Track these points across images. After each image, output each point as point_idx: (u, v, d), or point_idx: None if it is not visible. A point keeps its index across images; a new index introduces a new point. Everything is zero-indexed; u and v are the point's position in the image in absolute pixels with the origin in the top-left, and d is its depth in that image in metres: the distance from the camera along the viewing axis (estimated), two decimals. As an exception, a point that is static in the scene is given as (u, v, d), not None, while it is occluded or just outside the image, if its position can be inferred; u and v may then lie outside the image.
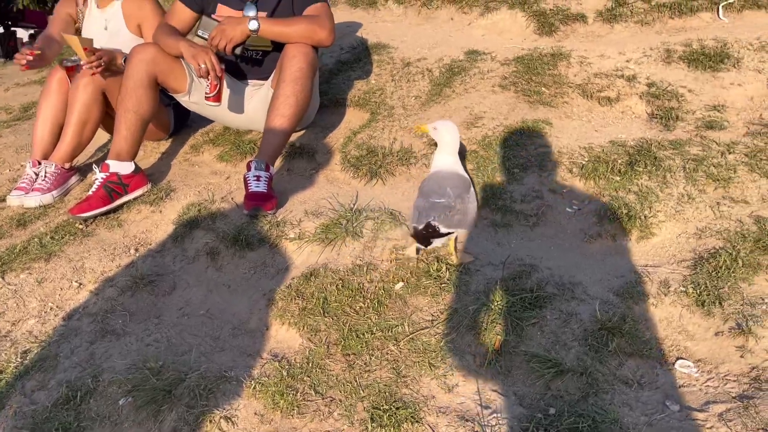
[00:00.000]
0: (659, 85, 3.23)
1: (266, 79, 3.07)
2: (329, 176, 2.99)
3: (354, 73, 3.86)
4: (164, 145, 3.41)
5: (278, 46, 2.89)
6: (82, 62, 2.83)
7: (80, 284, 2.28)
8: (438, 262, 2.07)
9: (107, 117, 3.06)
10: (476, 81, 3.51)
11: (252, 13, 2.88)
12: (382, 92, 3.54)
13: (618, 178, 2.49)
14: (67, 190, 3.01)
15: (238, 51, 2.78)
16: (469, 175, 2.15)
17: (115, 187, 2.70)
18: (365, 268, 2.13)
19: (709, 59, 3.36)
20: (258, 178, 2.59)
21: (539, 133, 2.95)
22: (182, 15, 2.98)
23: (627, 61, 3.53)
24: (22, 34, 23.04)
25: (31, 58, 2.74)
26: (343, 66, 3.99)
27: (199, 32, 2.82)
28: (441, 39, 4.45)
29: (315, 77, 2.91)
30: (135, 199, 2.77)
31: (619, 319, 1.76)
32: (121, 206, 2.73)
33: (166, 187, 2.85)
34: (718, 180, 2.38)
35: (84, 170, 3.21)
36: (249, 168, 2.62)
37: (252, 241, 2.36)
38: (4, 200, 2.98)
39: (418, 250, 2.10)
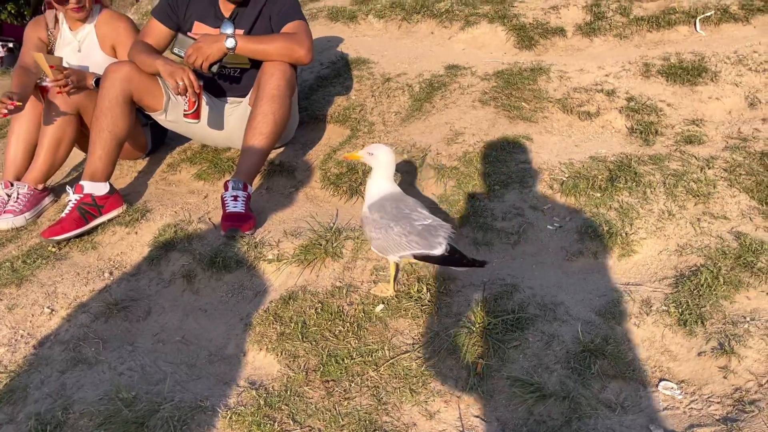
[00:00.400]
0: (638, 99, 3.24)
1: (244, 96, 3.04)
2: (309, 194, 2.95)
3: (334, 88, 3.84)
4: (140, 164, 3.35)
5: (256, 64, 2.86)
6: (48, 80, 2.78)
7: (52, 310, 2.22)
8: (419, 282, 2.04)
9: (82, 136, 3.00)
10: (456, 96, 3.50)
11: (229, 30, 2.84)
12: (362, 108, 3.51)
13: (599, 195, 2.49)
14: (40, 211, 2.94)
15: (215, 69, 2.74)
16: None
17: (89, 209, 2.64)
18: (345, 290, 2.09)
19: (687, 73, 3.38)
20: (235, 198, 2.55)
21: (520, 148, 2.94)
22: (158, 32, 2.93)
23: (606, 75, 3.54)
24: (-1, 49, 22.84)
25: (12, 108, 2.66)
26: (323, 81, 3.96)
27: (175, 50, 2.78)
28: (421, 53, 4.44)
29: (294, 94, 2.88)
30: (110, 220, 2.71)
31: (602, 340, 1.74)
32: (95, 228, 2.67)
33: (142, 207, 2.80)
34: (698, 195, 2.38)
35: (58, 191, 3.15)
36: (226, 188, 2.58)
37: (229, 263, 2.31)
38: (-26, 222, 2.91)
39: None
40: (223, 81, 3.03)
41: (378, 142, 3.15)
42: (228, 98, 3.08)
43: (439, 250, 1.81)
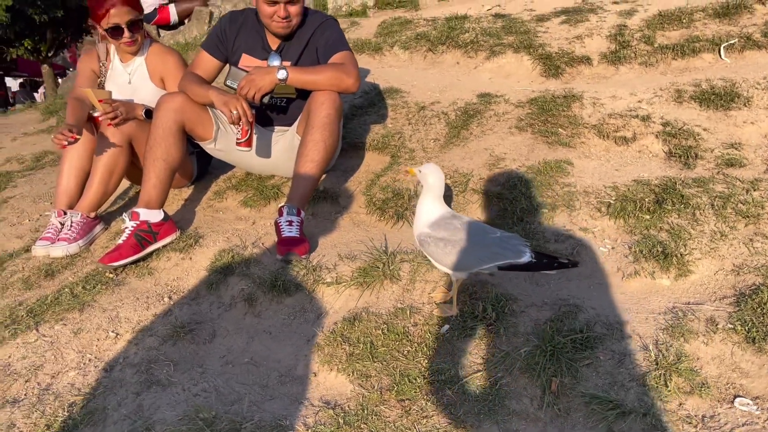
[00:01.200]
0: (674, 124, 3.30)
1: (290, 125, 3.12)
2: (355, 219, 3.00)
3: (369, 117, 3.92)
4: (186, 191, 3.42)
5: (302, 94, 2.94)
6: (97, 113, 2.86)
7: (117, 334, 2.26)
8: (483, 302, 2.07)
9: (131, 166, 3.08)
10: (493, 123, 3.58)
11: (276, 62, 2.94)
12: (400, 136, 3.59)
13: (648, 217, 2.53)
14: (92, 239, 3.00)
15: (266, 99, 2.82)
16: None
17: (145, 235, 2.70)
18: (408, 311, 2.12)
19: (720, 98, 3.45)
20: (290, 222, 2.60)
21: (562, 172, 2.99)
22: (208, 64, 3.03)
23: (639, 101, 3.61)
24: (11, 83, 23.23)
25: (72, 140, 2.74)
26: (357, 111, 4.05)
27: (228, 82, 2.87)
28: (450, 83, 4.54)
29: (340, 123, 2.96)
30: (164, 246, 2.77)
31: (674, 358, 1.76)
32: (150, 254, 2.73)
33: (194, 233, 2.85)
34: (747, 216, 2.42)
35: (107, 218, 3.21)
36: (281, 213, 2.64)
37: (289, 287, 2.35)
38: (28, 250, 2.97)
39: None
40: (269, 110, 3.11)
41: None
42: (275, 127, 3.16)
43: (525, 258, 1.85)
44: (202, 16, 8.11)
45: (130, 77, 3.13)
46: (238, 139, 2.82)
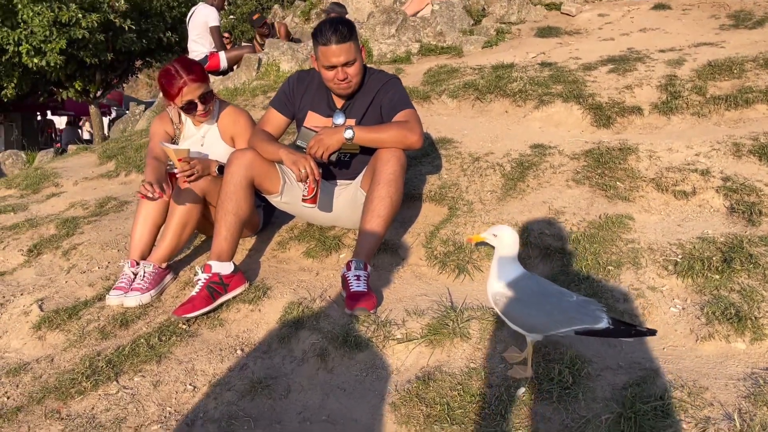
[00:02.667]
0: (734, 179, 3.30)
1: (353, 179, 3.21)
2: (416, 272, 3.05)
3: (424, 167, 4.00)
4: (250, 241, 3.53)
5: (365, 149, 3.03)
6: (176, 170, 3.00)
7: (195, 387, 2.33)
8: (557, 365, 2.09)
9: (202, 218, 3.19)
10: (549, 175, 3.62)
11: (340, 120, 3.05)
12: (456, 187, 3.65)
13: (717, 277, 2.52)
14: (162, 288, 3.10)
15: (333, 158, 2.92)
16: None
17: (217, 287, 2.79)
18: (482, 372, 2.15)
19: (780, 152, 3.44)
20: (358, 277, 2.67)
21: (624, 227, 3.01)
22: (277, 121, 3.16)
23: (696, 154, 3.62)
24: (58, 120, 24.14)
25: (158, 197, 2.85)
26: (412, 161, 4.13)
27: (298, 142, 2.99)
28: (501, 132, 4.61)
29: (404, 178, 3.04)
30: (234, 297, 2.85)
31: (760, 427, 1.75)
32: (220, 305, 2.81)
33: (261, 285, 2.93)
34: (821, 278, 2.40)
35: (174, 268, 3.32)
36: (348, 267, 2.71)
37: (360, 342, 2.40)
38: (101, 299, 3.08)
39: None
40: (333, 165, 3.21)
41: (478, 220, 3.26)
42: (337, 181, 3.26)
43: (603, 324, 1.87)
44: (251, 62, 8.40)
45: (202, 139, 3.27)
46: (304, 195, 2.92)
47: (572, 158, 3.77)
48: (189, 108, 3.12)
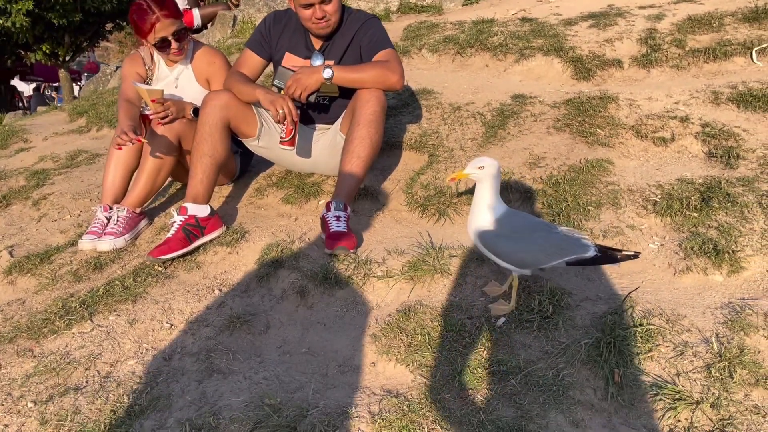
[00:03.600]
0: (713, 125, 3.31)
1: (332, 123, 3.15)
2: (396, 216, 3.03)
3: (404, 117, 3.95)
4: (227, 189, 3.46)
5: (345, 92, 2.97)
6: (149, 111, 2.90)
7: (171, 325, 2.29)
8: (538, 296, 2.08)
9: (177, 164, 3.11)
10: (530, 123, 3.60)
11: (319, 62, 2.98)
12: (437, 135, 3.61)
13: (696, 215, 2.54)
14: (137, 234, 3.04)
15: (312, 98, 2.86)
16: None
17: (193, 230, 2.74)
18: (462, 305, 2.14)
19: (758, 100, 3.45)
20: (338, 218, 2.63)
21: (604, 171, 3.01)
22: (253, 63, 3.08)
23: (675, 103, 3.62)
24: (24, 87, 23.36)
25: (136, 143, 2.78)
26: (392, 111, 4.07)
27: (275, 81, 2.91)
28: (481, 84, 4.56)
29: (384, 120, 2.98)
30: (211, 241, 2.80)
31: (737, 350, 1.77)
32: (197, 248, 2.76)
33: (238, 229, 2.88)
34: (796, 215, 2.42)
35: (150, 214, 3.25)
36: (328, 208, 2.67)
37: (340, 280, 2.38)
38: (74, 244, 3.01)
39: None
40: (312, 109, 3.14)
41: (459, 166, 3.24)
42: (316, 125, 3.20)
43: (591, 252, 1.88)
44: (226, 20, 8.19)
45: (176, 81, 3.17)
46: (282, 137, 2.86)
47: (553, 107, 3.75)
48: (162, 46, 3.01)
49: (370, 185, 3.27)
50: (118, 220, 2.96)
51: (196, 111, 3.07)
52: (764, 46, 4.40)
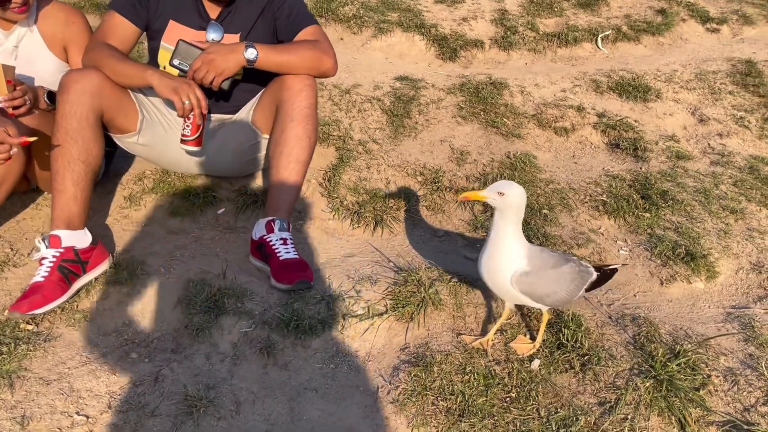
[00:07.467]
0: (608, 115, 3.37)
1: (233, 113, 2.52)
2: (324, 227, 2.55)
3: (284, 100, 3.39)
4: (82, 197, 2.61)
5: (250, 76, 2.39)
6: (1, 99, 2.02)
7: (88, 417, 1.60)
8: (565, 329, 1.85)
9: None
10: (434, 111, 3.32)
11: (217, 35, 2.35)
12: (338, 124, 3.15)
13: (647, 215, 2.51)
14: (-34, 273, 2.13)
15: (226, 85, 2.24)
16: None
17: (72, 266, 1.98)
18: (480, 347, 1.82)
19: (636, 90, 3.61)
20: (284, 241, 2.10)
21: (534, 167, 2.87)
22: (123, 31, 2.29)
23: (563, 90, 3.64)
24: None
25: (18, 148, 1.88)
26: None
27: (175, 62, 2.19)
28: (349, 62, 4.15)
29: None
30: (96, 279, 2.06)
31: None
32: (76, 292, 2.01)
33: (127, 258, 2.18)
34: (734, 212, 2.53)
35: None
36: (270, 229, 2.11)
37: (312, 325, 1.88)
38: None
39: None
40: (208, 95, 2.47)
41: (382, 163, 2.85)
42: (212, 115, 2.53)
43: (594, 274, 1.80)
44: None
45: (16, 50, 2.25)
46: (185, 135, 2.21)
47: (448, 92, 3.52)
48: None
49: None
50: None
51: (51, 96, 2.23)
52: (607, 33, 4.68)
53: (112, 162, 2.69)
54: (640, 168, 2.92)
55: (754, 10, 5.21)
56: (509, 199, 1.64)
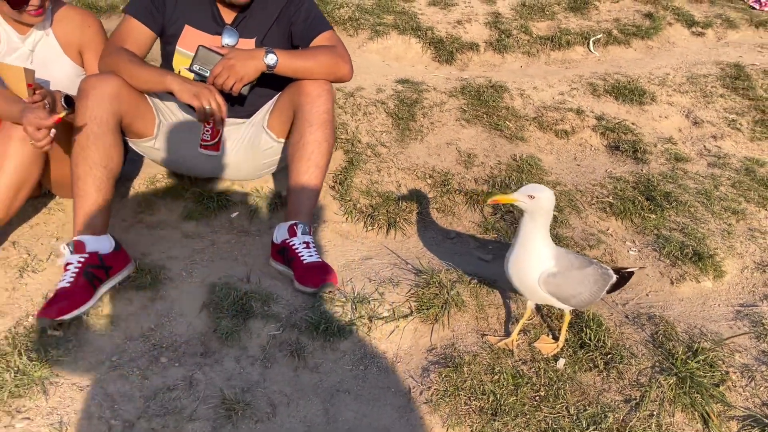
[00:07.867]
0: (607, 118, 3.45)
1: (247, 117, 2.53)
2: (338, 230, 2.58)
3: (289, 103, 3.41)
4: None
5: (265, 80, 2.40)
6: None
7: (125, 421, 1.61)
8: (586, 328, 1.90)
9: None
10: (438, 114, 3.36)
11: (232, 40, 2.37)
12: (345, 127, 3.18)
13: (653, 216, 2.58)
14: (-15, 278, 2.12)
15: (245, 91, 2.25)
16: None
17: (96, 272, 1.98)
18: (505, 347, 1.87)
19: (632, 93, 3.69)
20: (307, 244, 2.13)
21: (540, 170, 2.93)
22: (139, 36, 2.30)
23: (561, 93, 3.71)
24: None
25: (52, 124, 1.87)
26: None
27: (196, 67, 2.19)
28: (347, 64, 4.17)
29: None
30: (120, 284, 2.07)
31: (797, 368, 1.80)
32: (100, 297, 2.02)
33: (149, 263, 2.18)
34: (735, 213, 2.61)
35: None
36: (293, 233, 2.14)
37: (340, 328, 1.91)
38: None
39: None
40: (238, 102, 2.48)
41: (392, 166, 2.88)
42: (227, 120, 2.54)
43: (614, 277, 1.84)
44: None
45: (32, 54, 2.24)
46: (204, 140, 2.24)
47: (450, 95, 3.56)
48: (17, 2, 2.07)
49: (283, 191, 2.74)
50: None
51: (69, 100, 2.22)
52: (598, 37, 4.77)
53: (123, 165, 2.68)
54: (641, 170, 3.00)
55: (737, 14, 5.35)
56: (540, 203, 1.69)
